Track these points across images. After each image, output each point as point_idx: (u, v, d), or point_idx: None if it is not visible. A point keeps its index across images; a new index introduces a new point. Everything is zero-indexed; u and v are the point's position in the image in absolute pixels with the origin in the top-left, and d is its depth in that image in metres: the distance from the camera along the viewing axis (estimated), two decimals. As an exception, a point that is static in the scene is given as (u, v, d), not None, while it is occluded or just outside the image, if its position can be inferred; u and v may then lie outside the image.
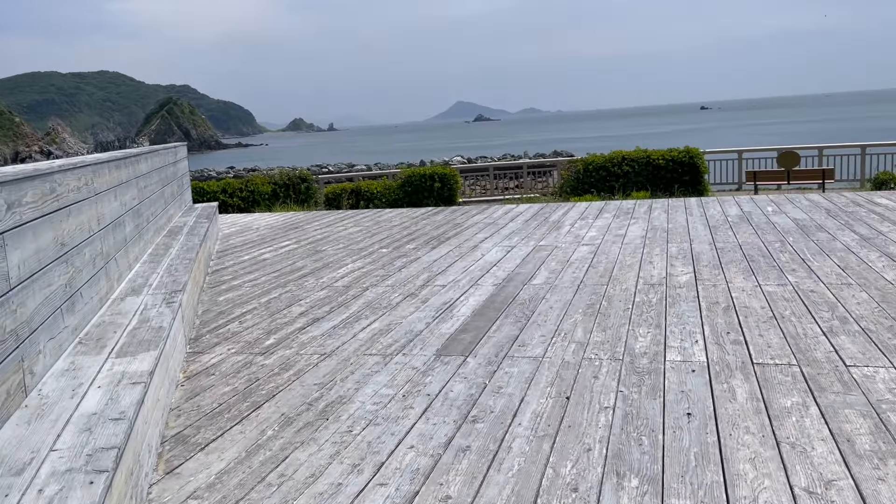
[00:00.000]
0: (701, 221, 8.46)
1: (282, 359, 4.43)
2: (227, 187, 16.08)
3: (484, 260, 7.04)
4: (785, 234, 7.28)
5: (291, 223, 10.92)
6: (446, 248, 7.82)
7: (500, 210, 10.78)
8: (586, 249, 7.23)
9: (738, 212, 8.99)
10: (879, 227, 7.32)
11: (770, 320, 4.51)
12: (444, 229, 9.24)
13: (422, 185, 17.52)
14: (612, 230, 8.29)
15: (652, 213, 9.36)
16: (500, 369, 3.96)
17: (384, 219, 10.70)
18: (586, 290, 5.56)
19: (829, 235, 7.06)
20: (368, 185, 17.60)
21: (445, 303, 5.48)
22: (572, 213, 9.95)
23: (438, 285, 6.08)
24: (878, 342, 3.96)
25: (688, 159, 17.43)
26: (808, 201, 9.43)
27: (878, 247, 6.39)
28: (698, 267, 6.14)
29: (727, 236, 7.42)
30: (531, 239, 8.06)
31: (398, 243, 8.36)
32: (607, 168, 17.85)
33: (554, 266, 6.55)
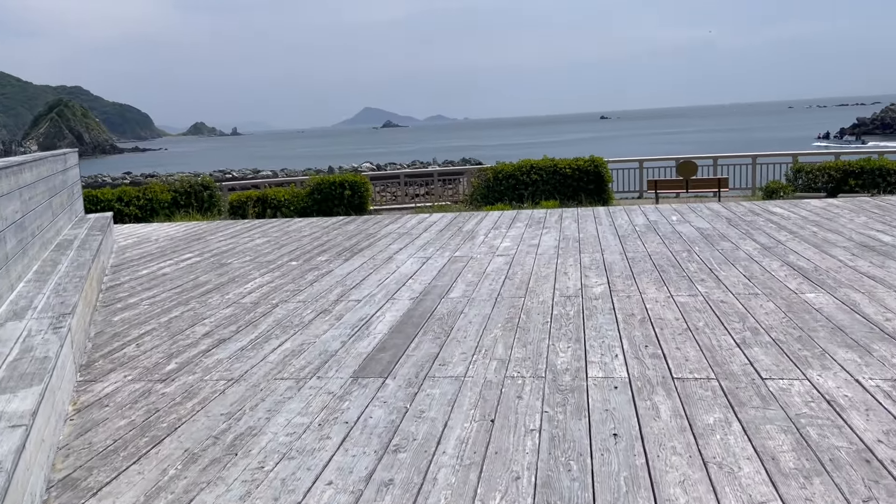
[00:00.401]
0: (610, 231, 8.60)
1: (184, 386, 4.11)
2: (122, 195, 15.20)
3: (399, 272, 6.87)
4: (691, 244, 7.48)
5: (194, 234, 10.39)
6: (360, 260, 7.60)
7: (414, 219, 10.64)
8: (502, 260, 7.18)
9: (644, 221, 9.20)
10: (777, 235, 7.64)
11: (685, 332, 4.56)
12: (356, 240, 9.00)
13: (331, 193, 17.16)
14: (525, 240, 8.30)
15: (563, 223, 9.45)
16: (421, 391, 3.80)
17: (293, 229, 10.35)
18: (504, 303, 5.48)
19: (733, 245, 7.30)
20: (275, 193, 17.08)
21: (361, 319, 5.27)
22: (485, 222, 9.93)
23: (353, 300, 5.86)
24: (789, 354, 4.05)
25: (593, 168, 17.86)
26: (709, 210, 9.77)
27: (779, 256, 6.64)
28: (612, 277, 6.18)
29: (636, 246, 7.55)
30: (446, 249, 7.96)
31: (309, 255, 8.07)
32: (516, 176, 18.06)
33: (471, 278, 6.46)
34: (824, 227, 7.99)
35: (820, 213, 8.91)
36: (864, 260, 6.25)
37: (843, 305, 4.93)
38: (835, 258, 6.41)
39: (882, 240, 7.06)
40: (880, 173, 15.76)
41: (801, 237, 7.46)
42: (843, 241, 7.11)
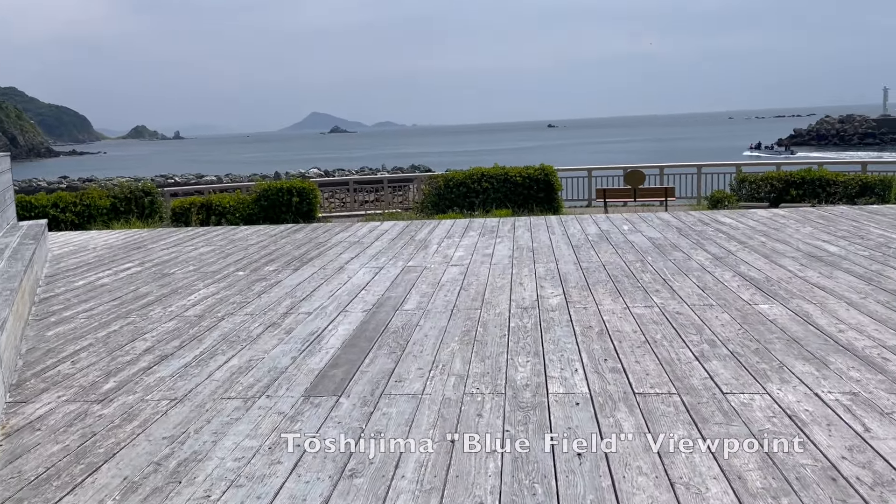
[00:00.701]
0: (563, 240, 8.58)
1: (124, 407, 3.86)
2: (58, 201, 14.57)
3: (351, 283, 6.69)
4: (644, 254, 7.50)
5: (134, 242, 9.99)
6: (310, 270, 7.38)
7: (365, 228, 10.45)
8: (456, 270, 7.07)
9: (596, 230, 9.22)
10: (728, 245, 7.73)
11: (644, 345, 4.51)
12: (306, 249, 8.77)
13: (279, 200, 16.81)
14: (479, 249, 8.21)
15: (516, 232, 9.41)
16: (377, 410, 3.65)
17: (239, 237, 10.05)
18: (460, 316, 5.36)
19: (685, 255, 7.35)
20: (220, 199, 16.65)
21: (313, 333, 5.08)
22: (438, 231, 9.81)
23: (304, 312, 5.66)
24: (748, 366, 4.03)
25: (543, 177, 17.94)
26: (659, 220, 9.86)
27: (730, 266, 6.70)
28: (567, 288, 6.13)
29: (590, 256, 7.54)
30: (399, 259, 7.80)
31: (256, 265, 7.81)
32: (467, 184, 18.02)
33: (425, 289, 6.32)
34: (772, 237, 8.13)
35: (767, 224, 9.07)
36: (813, 270, 6.35)
37: (796, 317, 4.97)
38: (785, 268, 6.49)
39: (828, 250, 7.20)
40: (820, 184, 16.24)
41: (751, 247, 7.56)
42: (792, 252, 7.23)
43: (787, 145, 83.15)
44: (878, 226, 8.52)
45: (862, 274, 6.13)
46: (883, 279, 5.93)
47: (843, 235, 7.99)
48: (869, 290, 5.58)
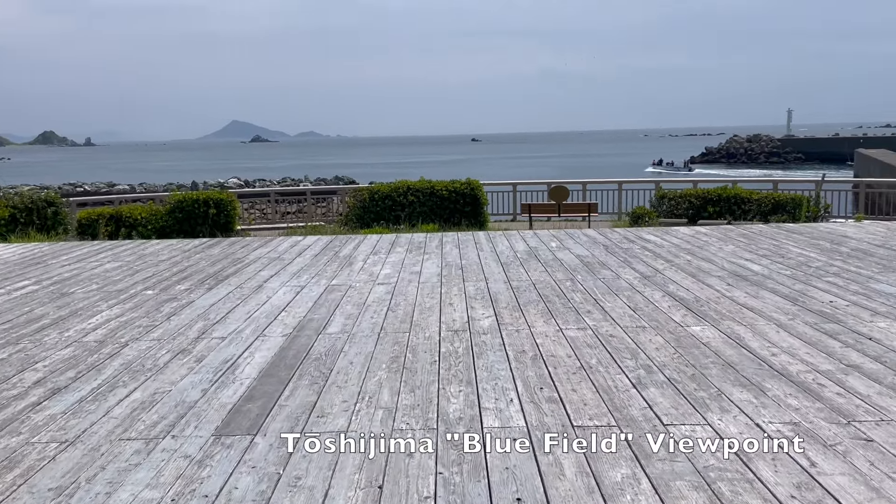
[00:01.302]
0: (492, 257, 8.41)
1: (5, 451, 3.39)
2: (-51, 210, 13.45)
3: (271, 303, 6.29)
4: (573, 272, 7.40)
5: (32, 257, 9.23)
6: (226, 289, 6.93)
7: (286, 242, 10.01)
8: (383, 289, 6.77)
9: (524, 247, 9.10)
10: (655, 264, 7.72)
11: (579, 371, 4.33)
12: (222, 265, 8.28)
13: (195, 212, 16.08)
14: (406, 267, 7.93)
15: (444, 248, 9.18)
16: (296, 451, 3.31)
17: (150, 252, 9.43)
18: (388, 340, 5.07)
19: (613, 273, 7.28)
20: (131, 210, 15.80)
21: (226, 361, 4.68)
22: (364, 246, 9.48)
23: (217, 337, 5.24)
24: (686, 395, 3.90)
25: (469, 191, 17.86)
26: (586, 237, 9.84)
27: (659, 285, 6.66)
28: (498, 309, 5.93)
29: (520, 274, 7.38)
30: (322, 277, 7.44)
31: (167, 283, 7.29)
32: (393, 197, 17.75)
33: (350, 310, 6.00)
34: (697, 255, 8.19)
35: (691, 242, 9.17)
36: (739, 290, 6.37)
37: (728, 339, 4.91)
38: (712, 288, 6.49)
39: (752, 269, 7.28)
40: (735, 201, 16.76)
41: (678, 266, 7.58)
42: (717, 271, 7.27)
43: (687, 163, 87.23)
44: (797, 244, 8.72)
45: (787, 294, 6.18)
46: (807, 299, 5.98)
47: (764, 254, 8.12)
48: (796, 311, 5.60)
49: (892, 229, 9.87)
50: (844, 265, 7.36)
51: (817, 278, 6.79)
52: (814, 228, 10.24)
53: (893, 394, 3.82)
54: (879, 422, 3.48)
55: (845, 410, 3.62)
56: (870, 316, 5.41)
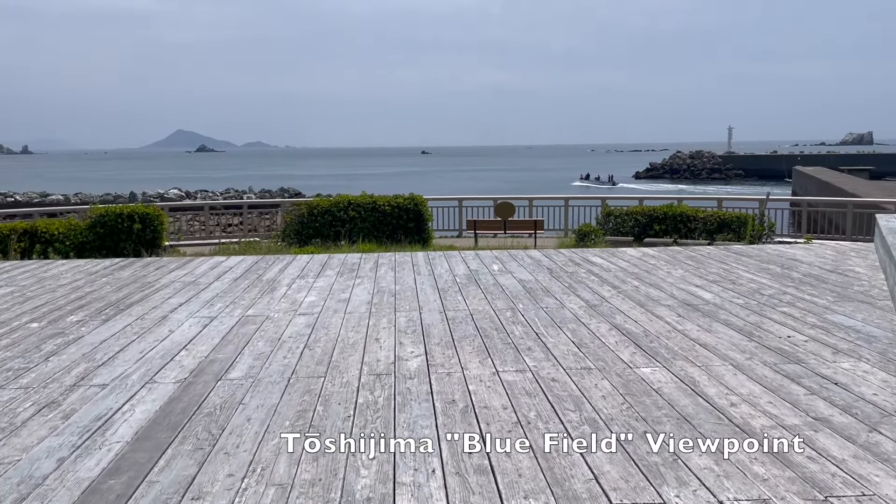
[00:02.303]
0: (429, 282, 7.80)
1: None
2: None
3: (171, 339, 5.54)
4: (514, 300, 6.83)
5: (-86, 280, 8.22)
6: (125, 321, 6.14)
7: (206, 264, 9.20)
8: (303, 321, 6.08)
9: (465, 270, 8.52)
10: (601, 290, 7.22)
11: (515, 428, 3.74)
12: (128, 291, 7.46)
13: (118, 227, 15.03)
14: (334, 293, 7.26)
15: (378, 271, 8.53)
16: (155, 552, 2.62)
17: (52, 274, 8.52)
18: (298, 387, 4.39)
19: (557, 302, 6.74)
20: (48, 225, 14.66)
21: (100, 417, 3.94)
22: (291, 268, 8.76)
23: (97, 385, 4.48)
24: (637, 459, 3.34)
25: (413, 206, 17.24)
26: (530, 259, 9.31)
27: (606, 316, 6.14)
28: (430, 345, 5.31)
29: (457, 302, 6.78)
30: (238, 306, 6.71)
31: (59, 313, 6.45)
32: (333, 212, 17.02)
33: (262, 347, 5.29)
34: (644, 280, 7.73)
35: (638, 265, 8.72)
36: (691, 322, 5.89)
37: (682, 384, 4.39)
38: (662, 320, 6.00)
39: (703, 297, 6.83)
40: (681, 219, 16.55)
41: (625, 293, 7.09)
42: (667, 299, 6.80)
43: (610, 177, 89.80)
44: (747, 269, 8.35)
45: (742, 327, 5.72)
46: (763, 333, 5.53)
47: (714, 280, 7.71)
48: (752, 349, 5.13)
49: (841, 252, 9.64)
50: (798, 293, 6.99)
51: (771, 308, 6.38)
52: (761, 250, 9.94)
53: (870, 458, 3.33)
54: (860, 497, 2.97)
55: (820, 481, 3.11)
56: (831, 354, 4.97)
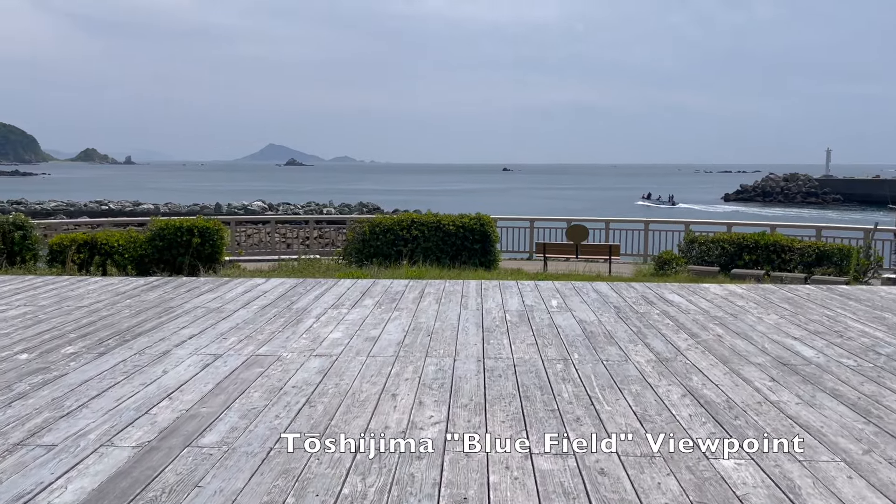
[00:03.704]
0: (475, 319, 6.83)
1: None
2: None
3: (160, 383, 4.78)
4: (570, 347, 5.78)
5: (-60, 295, 7.87)
6: (121, 355, 5.45)
7: (241, 287, 8.53)
8: (317, 366, 5.23)
9: (518, 305, 7.50)
10: (676, 339, 6.07)
11: (540, 551, 2.73)
12: (145, 317, 6.82)
13: (176, 240, 14.76)
14: (365, 329, 6.39)
15: (422, 302, 7.63)
16: None
17: (77, 293, 8.02)
18: (276, 464, 3.51)
19: (621, 352, 5.65)
20: (108, 237, 14.50)
21: (19, 497, 3.16)
22: (328, 296, 7.97)
23: (45, 444, 3.73)
24: None
25: (479, 226, 16.35)
26: (596, 294, 8.20)
27: (679, 376, 5.01)
28: (455, 407, 4.35)
29: (501, 347, 5.79)
30: (252, 341, 5.93)
31: (58, 342, 5.83)
32: (395, 231, 16.31)
33: (256, 400, 4.46)
34: (730, 327, 6.52)
35: (723, 306, 7.49)
36: (788, 391, 4.70)
37: (776, 490, 3.26)
38: (750, 384, 4.83)
39: (803, 354, 5.59)
40: (774, 249, 14.97)
41: (705, 344, 5.92)
42: (757, 354, 5.60)
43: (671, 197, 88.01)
44: (856, 317, 6.99)
45: (855, 402, 4.50)
46: (885, 413, 4.30)
47: (816, 330, 6.42)
48: (871, 436, 3.93)
49: (973, 298, 8.09)
50: (926, 353, 5.65)
51: (892, 374, 5.10)
52: (873, 293, 8.48)
53: None
54: None
55: None
56: None
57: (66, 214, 61.47)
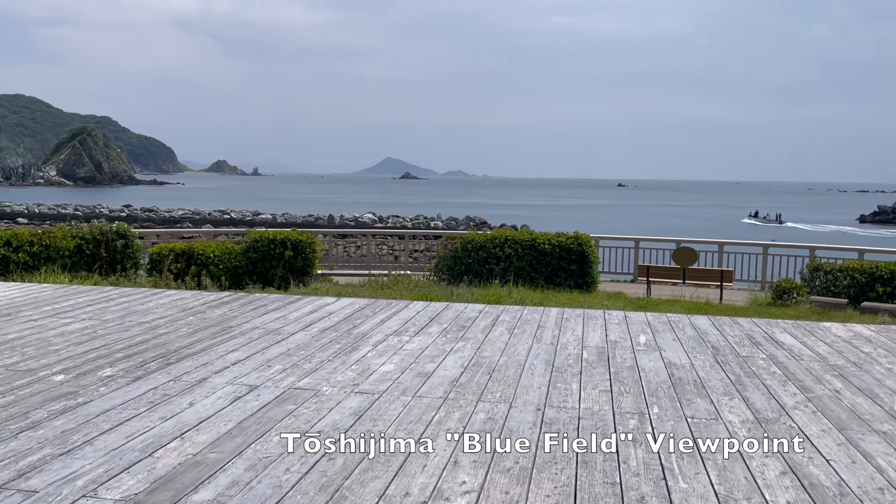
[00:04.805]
0: (546, 355, 6.09)
1: None
2: (12, 239, 12.90)
3: (180, 418, 4.38)
4: (649, 398, 4.95)
5: (11, 304, 7.95)
6: (157, 381, 5.12)
7: (309, 306, 8.17)
8: (354, 405, 4.68)
9: (600, 340, 6.69)
10: (782, 394, 5.09)
11: None
12: (198, 337, 6.54)
13: (270, 253, 14.82)
14: (421, 361, 5.81)
15: (492, 331, 6.96)
16: None
17: (146, 307, 7.91)
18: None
19: (712, 408, 4.76)
20: (204, 248, 14.73)
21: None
22: (394, 320, 7.45)
23: (24, 490, 3.36)
24: None
25: (576, 246, 15.47)
26: (693, 330, 7.24)
27: (781, 445, 4.09)
28: (495, 472, 3.66)
29: (568, 394, 5.03)
30: (296, 371, 5.47)
31: (99, 363, 5.59)
32: (487, 249, 15.71)
33: (273, 446, 3.95)
34: (852, 380, 5.45)
35: (844, 353, 6.36)
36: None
37: None
38: (871, 462, 3.86)
39: (946, 425, 4.50)
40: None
41: (818, 402, 4.92)
42: (884, 420, 4.56)
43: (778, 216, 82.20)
44: None
45: None
46: None
47: (965, 390, 5.24)
48: None
49: None
50: None
51: None
52: None
53: None
54: None
55: None
56: None
57: (191, 222, 65.04)
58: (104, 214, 66.73)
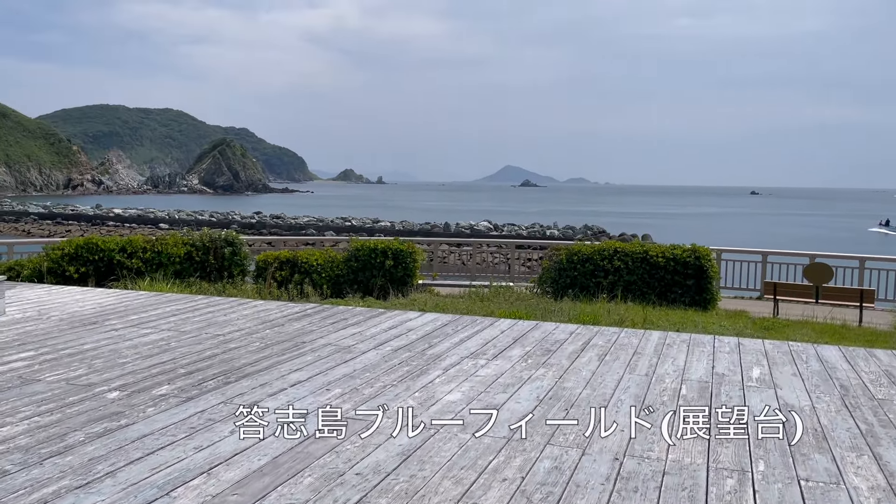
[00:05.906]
0: (637, 388, 5.35)
1: None
2: (127, 245, 13.43)
3: (214, 449, 4.04)
4: (755, 451, 4.13)
5: (101, 311, 8.06)
6: (207, 402, 4.85)
7: (389, 322, 7.78)
8: (405, 442, 4.18)
9: (705, 373, 5.84)
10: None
11: None
12: (269, 352, 6.28)
13: (371, 262, 14.68)
14: (492, 390, 5.24)
15: (580, 357, 6.27)
16: None
17: (226, 319, 7.79)
18: None
19: (833, 468, 3.89)
20: (307, 256, 14.79)
21: None
22: (475, 340, 6.91)
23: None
24: None
25: (693, 260, 14.29)
26: (819, 363, 6.22)
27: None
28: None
29: (654, 441, 4.29)
30: (354, 396, 5.05)
31: (158, 379, 5.41)
32: (595, 261, 14.82)
33: (302, 489, 3.52)
34: None
35: None
36: None
37: None
38: None
39: None
40: None
41: (977, 468, 3.92)
42: None
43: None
44: None
45: None
46: None
47: None
48: None
49: None
50: None
51: None
52: None
53: None
54: None
55: None
56: None
57: (315, 229, 67.36)
58: (237, 221, 70.38)
